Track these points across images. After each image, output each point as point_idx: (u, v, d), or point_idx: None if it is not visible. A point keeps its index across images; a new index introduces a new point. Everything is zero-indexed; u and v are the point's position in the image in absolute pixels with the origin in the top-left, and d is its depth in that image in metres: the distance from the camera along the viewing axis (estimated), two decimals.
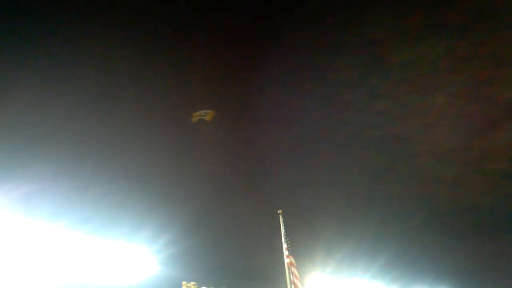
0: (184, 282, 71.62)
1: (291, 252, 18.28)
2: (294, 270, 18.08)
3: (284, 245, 18.10)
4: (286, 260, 17.99)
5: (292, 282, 17.87)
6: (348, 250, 75.30)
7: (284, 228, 18.18)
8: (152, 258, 63.58)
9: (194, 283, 72.47)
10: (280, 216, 18.36)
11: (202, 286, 73.08)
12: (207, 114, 24.57)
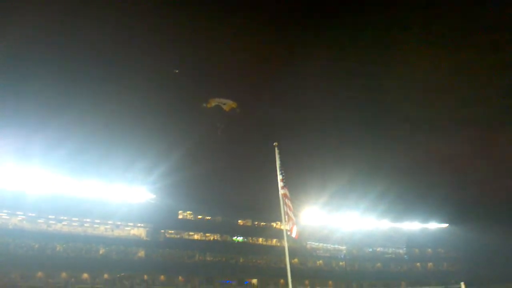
0: (180, 211, 73.22)
1: (286, 184, 18.63)
2: (288, 201, 18.51)
3: (279, 177, 18.45)
4: (281, 192, 18.40)
5: (285, 213, 18.34)
6: (341, 184, 76.27)
7: (280, 161, 18.45)
8: (149, 189, 64.52)
9: (190, 212, 74.04)
10: (276, 149, 18.57)
11: (198, 215, 74.66)
12: (226, 104, 23.83)
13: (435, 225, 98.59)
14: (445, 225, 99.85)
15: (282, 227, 18.33)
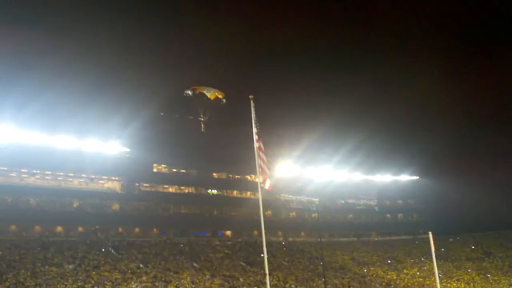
0: (155, 165, 73.12)
1: (260, 137, 18.68)
2: (262, 155, 18.60)
3: (254, 130, 18.48)
4: (256, 145, 18.45)
5: (259, 166, 18.46)
6: (315, 138, 76.94)
7: (255, 114, 18.46)
8: (123, 143, 64.11)
9: (165, 165, 74.01)
10: (252, 101, 18.54)
11: (172, 168, 74.70)
12: (211, 93, 22.87)
13: (406, 178, 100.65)
14: (416, 177, 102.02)
15: (256, 179, 18.46)
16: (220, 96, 21.65)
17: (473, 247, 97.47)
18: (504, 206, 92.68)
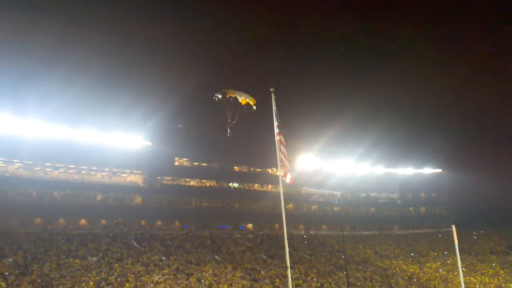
0: (176, 158, 73.61)
1: (281, 130, 18.63)
2: (283, 148, 18.55)
3: (275, 123, 18.43)
4: (276, 138, 18.41)
5: (281, 160, 18.42)
6: (337, 131, 76.44)
7: (276, 106, 18.40)
8: (146, 136, 64.61)
9: (186, 159, 74.43)
10: (272, 94, 18.48)
11: (194, 162, 75.09)
12: (242, 98, 22.50)
13: (428, 170, 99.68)
14: (439, 170, 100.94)
15: (277, 173, 18.43)
16: (251, 103, 21.47)
17: (496, 239, 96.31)
18: None
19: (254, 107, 21.44)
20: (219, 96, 20.27)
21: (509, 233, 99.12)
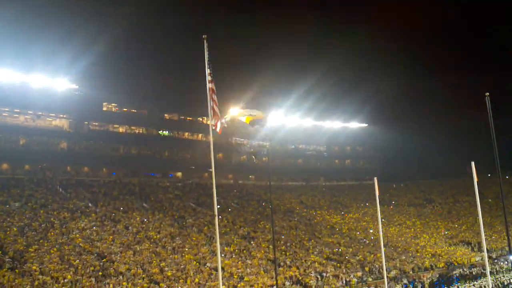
0: (104, 104, 71.55)
1: (213, 79, 18.49)
2: (214, 96, 18.47)
3: (207, 71, 18.25)
4: (208, 86, 18.28)
5: (211, 108, 18.37)
6: (267, 81, 76.65)
7: (208, 54, 18.17)
8: (72, 79, 62.08)
9: (115, 104, 72.55)
10: (205, 41, 18.21)
11: (123, 108, 73.42)
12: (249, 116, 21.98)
13: (355, 125, 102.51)
14: (365, 125, 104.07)
15: (208, 122, 18.38)
16: (260, 117, 21.67)
17: (416, 194, 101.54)
18: (447, 155, 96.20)
19: (263, 123, 21.59)
20: (227, 119, 20.42)
21: (427, 187, 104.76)
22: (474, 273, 54.94)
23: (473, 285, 45.36)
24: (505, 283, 45.23)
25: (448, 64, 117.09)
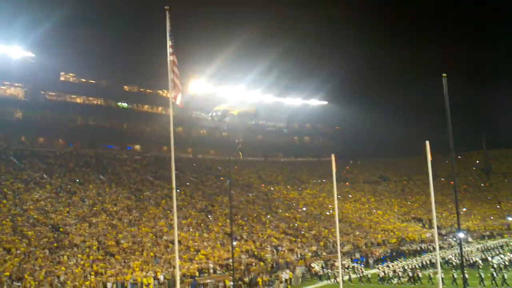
0: (62, 73, 69.67)
1: (175, 51, 18.26)
2: (175, 69, 18.25)
3: (169, 43, 18.02)
4: (169, 58, 18.05)
5: (172, 81, 18.17)
6: (230, 56, 76.06)
7: (170, 26, 17.93)
8: (28, 47, 60.15)
9: (73, 74, 70.75)
10: (167, 13, 17.95)
11: (81, 78, 71.76)
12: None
13: (316, 102, 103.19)
14: (325, 102, 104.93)
15: (168, 95, 18.21)
16: (251, 111, 21.61)
17: (372, 171, 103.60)
18: (403, 134, 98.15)
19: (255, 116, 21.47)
20: (219, 114, 20.16)
21: (382, 164, 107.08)
22: (423, 248, 57.10)
23: (417, 260, 46.96)
24: (446, 259, 47.10)
25: (408, 44, 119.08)
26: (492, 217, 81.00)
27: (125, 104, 77.47)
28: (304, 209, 69.32)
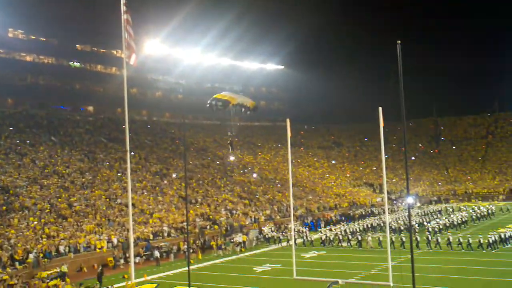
0: (10, 29, 66.68)
1: (129, 9, 17.70)
2: (129, 28, 17.72)
3: (123, 1, 17.41)
4: (123, 17, 17.48)
5: (126, 40, 17.65)
6: (185, 16, 74.42)
7: None
8: None
9: (22, 31, 67.98)
10: None
11: (31, 35, 68.94)
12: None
13: (272, 66, 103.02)
14: (281, 67, 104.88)
15: (122, 55, 17.71)
16: (250, 106, 21.31)
17: (325, 137, 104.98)
18: (357, 100, 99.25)
19: (253, 110, 21.21)
20: (220, 103, 19.91)
21: (335, 130, 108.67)
22: (375, 212, 58.70)
23: (359, 224, 48.08)
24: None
25: (364, 12, 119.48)
26: (440, 183, 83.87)
27: (77, 64, 75.21)
28: (255, 175, 69.25)
